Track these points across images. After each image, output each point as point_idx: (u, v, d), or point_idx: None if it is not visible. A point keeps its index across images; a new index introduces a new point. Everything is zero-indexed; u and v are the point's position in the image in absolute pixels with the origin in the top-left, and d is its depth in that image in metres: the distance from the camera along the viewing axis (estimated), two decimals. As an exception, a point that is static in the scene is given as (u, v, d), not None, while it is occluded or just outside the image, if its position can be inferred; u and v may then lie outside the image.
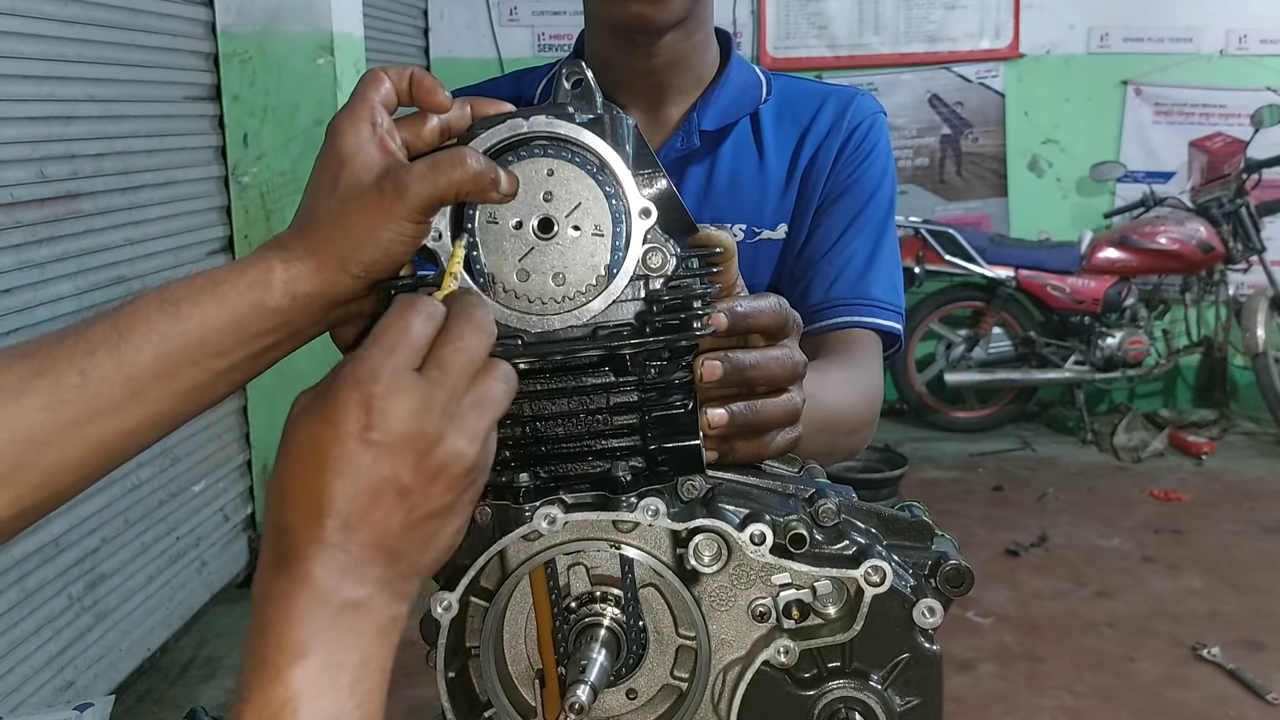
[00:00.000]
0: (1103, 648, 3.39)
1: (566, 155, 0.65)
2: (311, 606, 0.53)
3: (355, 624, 0.54)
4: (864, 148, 1.21)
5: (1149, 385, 5.75)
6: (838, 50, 5.70)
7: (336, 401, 0.55)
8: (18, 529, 0.63)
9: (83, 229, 2.88)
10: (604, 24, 1.17)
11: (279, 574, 0.54)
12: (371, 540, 0.55)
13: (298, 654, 0.52)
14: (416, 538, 0.56)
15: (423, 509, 0.56)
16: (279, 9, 3.49)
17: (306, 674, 0.52)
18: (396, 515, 0.55)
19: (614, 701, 0.69)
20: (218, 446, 3.58)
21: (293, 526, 0.54)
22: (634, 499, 0.66)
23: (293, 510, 0.55)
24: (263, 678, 0.52)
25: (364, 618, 0.54)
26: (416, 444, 0.55)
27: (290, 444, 0.56)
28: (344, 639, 0.53)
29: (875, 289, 1.17)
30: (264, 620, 0.53)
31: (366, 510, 0.54)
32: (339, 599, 0.54)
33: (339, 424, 0.54)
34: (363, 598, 0.54)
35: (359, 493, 0.54)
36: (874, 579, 0.65)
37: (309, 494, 0.54)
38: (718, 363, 0.69)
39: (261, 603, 0.54)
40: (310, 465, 0.55)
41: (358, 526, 0.54)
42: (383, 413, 0.54)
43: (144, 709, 3.06)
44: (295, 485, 0.55)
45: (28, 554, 2.64)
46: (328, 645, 0.53)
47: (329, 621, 0.53)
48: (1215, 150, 5.63)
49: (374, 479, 0.54)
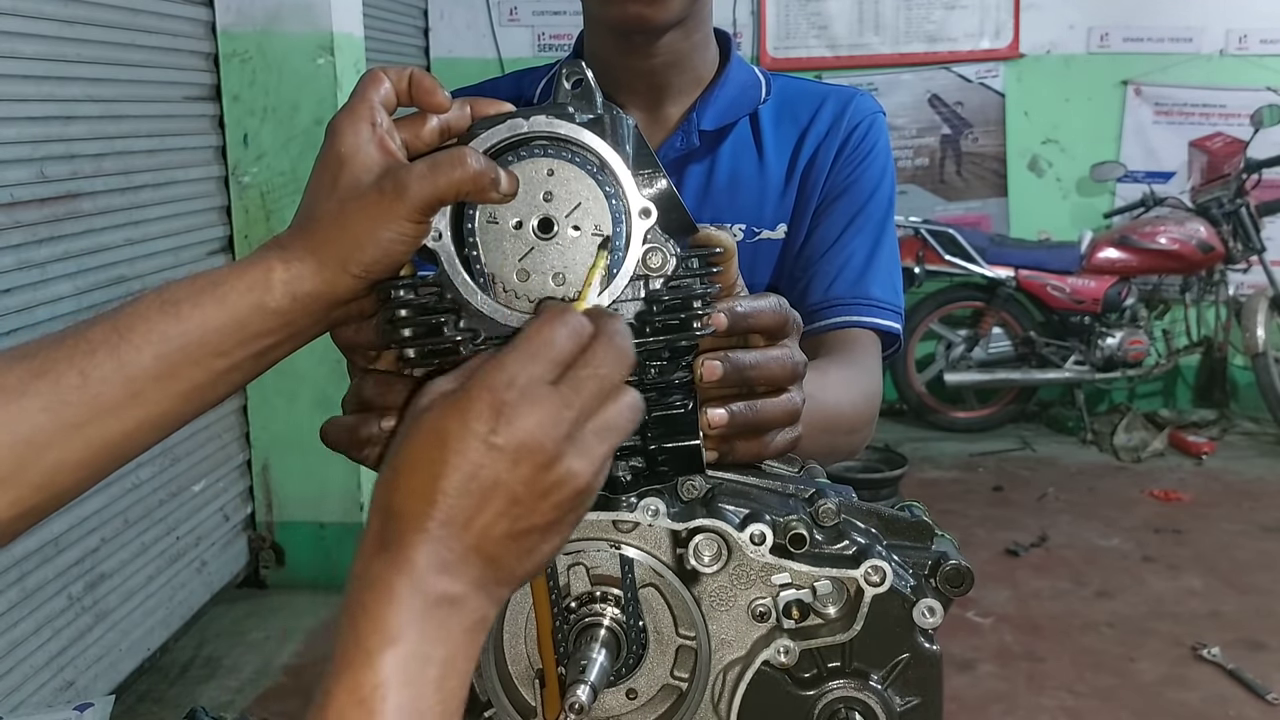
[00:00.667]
0: (1103, 648, 3.39)
1: (567, 155, 0.65)
2: (409, 594, 0.53)
3: (447, 619, 0.54)
4: (863, 148, 1.21)
5: (1149, 385, 5.75)
6: (838, 50, 5.70)
7: (469, 400, 0.55)
8: (19, 530, 0.63)
9: (83, 229, 2.88)
10: (603, 24, 1.17)
11: (379, 556, 0.55)
12: (474, 541, 0.55)
13: (391, 639, 0.52)
14: (516, 548, 0.57)
15: (527, 521, 0.56)
16: (279, 9, 3.49)
17: (397, 661, 0.52)
18: (502, 522, 0.56)
19: (614, 701, 0.69)
20: (218, 446, 3.58)
21: (401, 512, 0.55)
22: (634, 499, 0.66)
23: (405, 496, 0.55)
24: (355, 659, 0.52)
25: (455, 614, 0.55)
26: (535, 457, 0.55)
27: (415, 431, 0.56)
28: (435, 633, 0.54)
29: (874, 289, 1.17)
30: (360, 601, 0.54)
31: (475, 511, 0.55)
32: (436, 591, 0.54)
33: (467, 422, 0.55)
34: (458, 594, 0.55)
35: (471, 492, 0.55)
36: (874, 579, 0.65)
37: (424, 483, 0.55)
38: (718, 363, 0.69)
39: (359, 583, 0.55)
40: (430, 456, 0.55)
41: (463, 524, 0.55)
42: (509, 420, 0.55)
43: (144, 709, 3.06)
44: (412, 472, 0.55)
45: (28, 554, 2.64)
46: (420, 636, 0.53)
47: (423, 612, 0.53)
48: (1215, 150, 5.63)
49: (488, 482, 0.55)
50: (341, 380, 0.77)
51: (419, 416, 0.57)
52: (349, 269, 0.65)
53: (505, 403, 0.55)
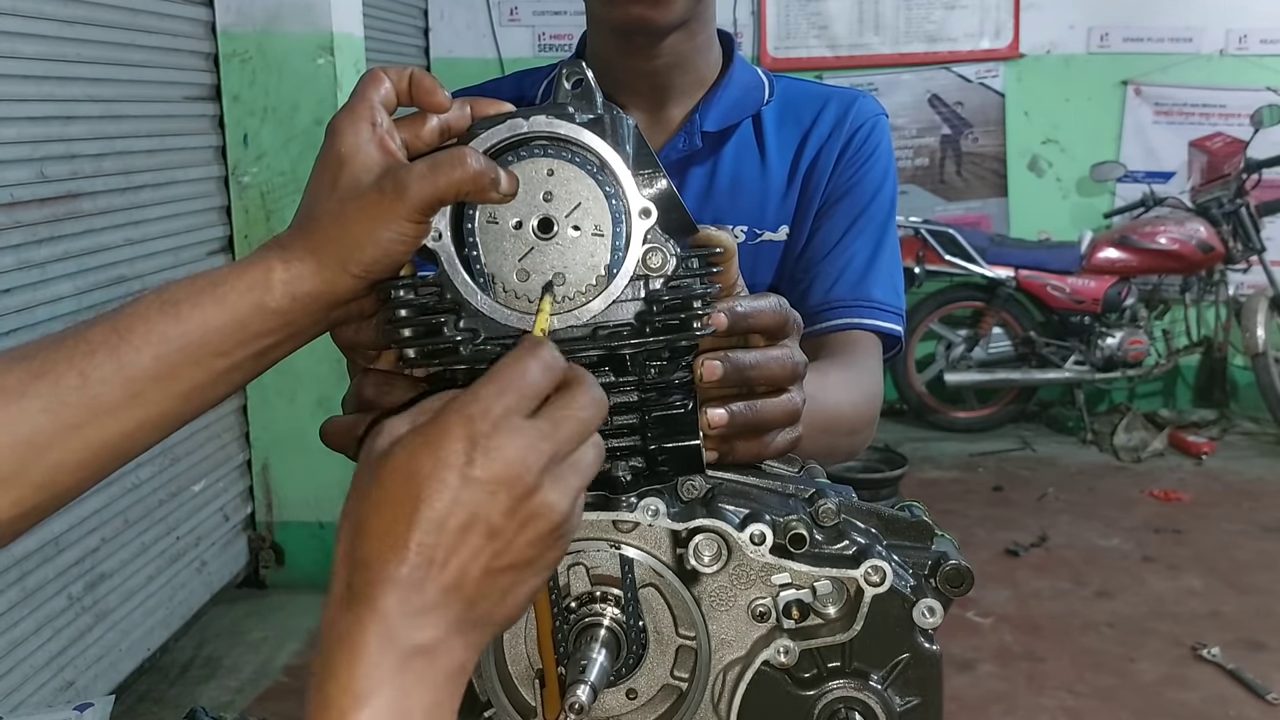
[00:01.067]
0: (1103, 648, 3.39)
1: (567, 155, 0.65)
2: (380, 649, 0.52)
3: (425, 670, 0.53)
4: (865, 150, 1.21)
5: (1149, 385, 5.75)
6: (838, 50, 5.70)
7: (443, 432, 0.54)
8: (20, 530, 0.63)
9: (83, 229, 2.88)
10: (606, 25, 1.17)
11: (348, 610, 0.53)
12: (451, 581, 0.54)
13: (362, 700, 0.51)
14: (495, 587, 0.55)
15: (506, 558, 0.55)
16: (279, 9, 3.49)
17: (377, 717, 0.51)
18: (480, 559, 0.54)
19: (614, 701, 0.69)
20: (218, 446, 3.58)
21: (369, 560, 0.53)
22: (634, 499, 0.66)
23: (372, 542, 0.53)
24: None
25: (434, 663, 0.53)
26: (514, 488, 0.54)
27: (381, 473, 0.54)
28: (412, 685, 0.52)
29: (876, 291, 1.18)
30: (330, 659, 0.52)
31: (452, 548, 0.53)
32: (410, 642, 0.52)
33: (441, 456, 0.53)
34: (434, 641, 0.53)
35: (448, 527, 0.53)
36: (874, 579, 0.65)
37: (393, 524, 0.53)
38: (718, 363, 0.69)
39: (329, 640, 0.53)
40: (399, 494, 0.53)
41: (439, 564, 0.53)
42: (487, 451, 0.54)
43: (144, 709, 3.06)
44: (379, 515, 0.54)
45: (28, 554, 2.64)
46: (395, 691, 0.51)
47: (397, 666, 0.52)
48: (1215, 150, 5.63)
49: (466, 515, 0.53)
50: (341, 380, 0.77)
51: (382, 458, 0.55)
52: (349, 269, 0.65)
53: (481, 433, 0.54)
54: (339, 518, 0.57)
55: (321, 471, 3.70)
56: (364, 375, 0.71)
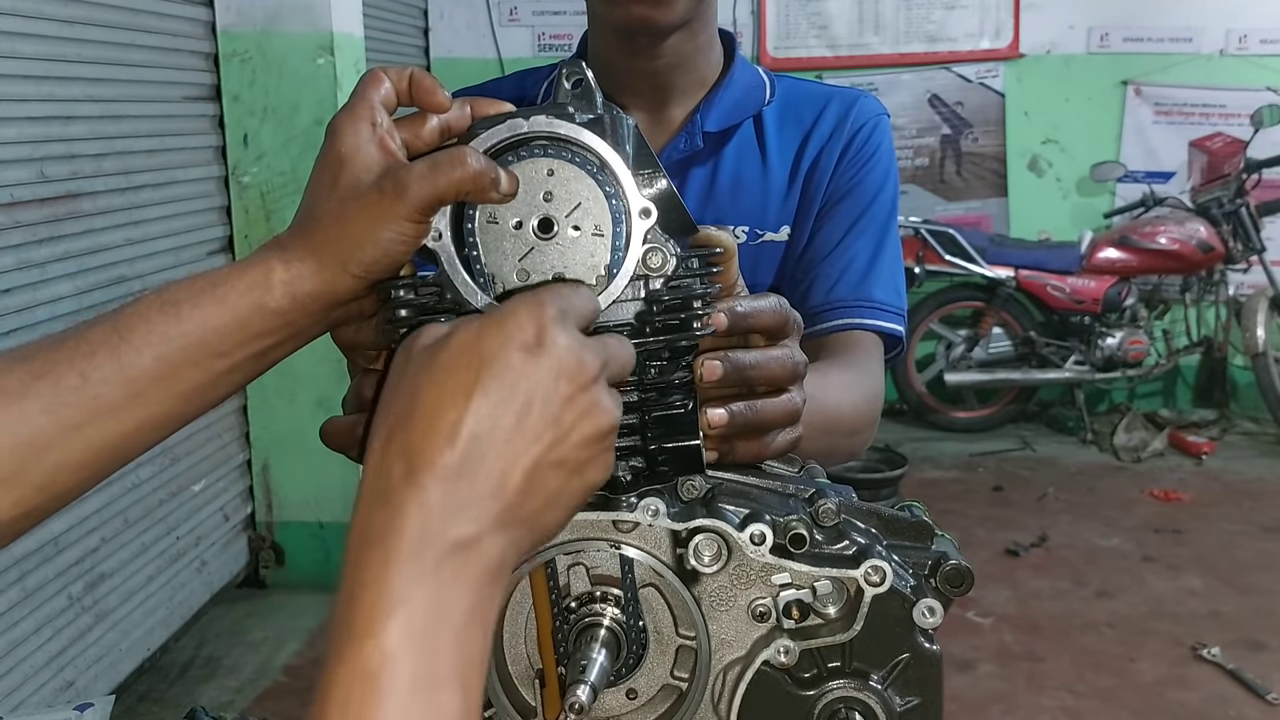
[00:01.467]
0: (1103, 648, 3.39)
1: (567, 155, 0.65)
2: (418, 545, 0.49)
3: (463, 568, 0.50)
4: (866, 150, 1.21)
5: (1149, 385, 5.75)
6: (838, 50, 5.70)
7: (509, 314, 0.54)
8: (20, 530, 0.63)
9: (83, 229, 2.88)
10: (607, 25, 1.17)
11: (384, 504, 0.50)
12: (500, 472, 0.51)
13: (397, 602, 0.48)
14: (544, 485, 0.54)
15: (558, 452, 0.54)
16: (279, 9, 3.49)
17: (406, 627, 0.47)
18: (534, 449, 0.53)
19: (614, 701, 0.69)
20: (218, 446, 3.58)
21: (412, 447, 0.51)
22: (634, 499, 0.66)
23: (419, 427, 0.51)
24: (358, 629, 0.48)
25: (473, 560, 0.50)
26: (575, 378, 0.54)
27: (438, 353, 0.53)
28: (450, 585, 0.49)
29: (877, 291, 1.18)
30: (360, 562, 0.50)
31: (507, 434, 0.52)
32: (448, 537, 0.50)
33: (508, 333, 0.53)
34: (474, 535, 0.51)
35: (506, 410, 0.52)
36: (874, 579, 0.65)
37: (449, 406, 0.51)
38: (718, 363, 0.69)
39: (358, 542, 0.50)
40: (457, 376, 0.52)
41: (491, 451, 0.51)
42: (554, 336, 0.54)
43: (144, 709, 3.06)
44: (427, 399, 0.52)
45: (28, 554, 2.64)
46: (432, 592, 0.48)
47: (434, 564, 0.49)
48: (1215, 150, 5.63)
49: (526, 397, 0.52)
50: (341, 380, 0.77)
51: (441, 341, 0.54)
52: (349, 269, 0.64)
53: (550, 318, 0.54)
54: (371, 426, 0.54)
55: (321, 471, 3.70)
56: (364, 375, 0.71)
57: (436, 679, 0.48)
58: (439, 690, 0.48)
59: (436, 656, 0.48)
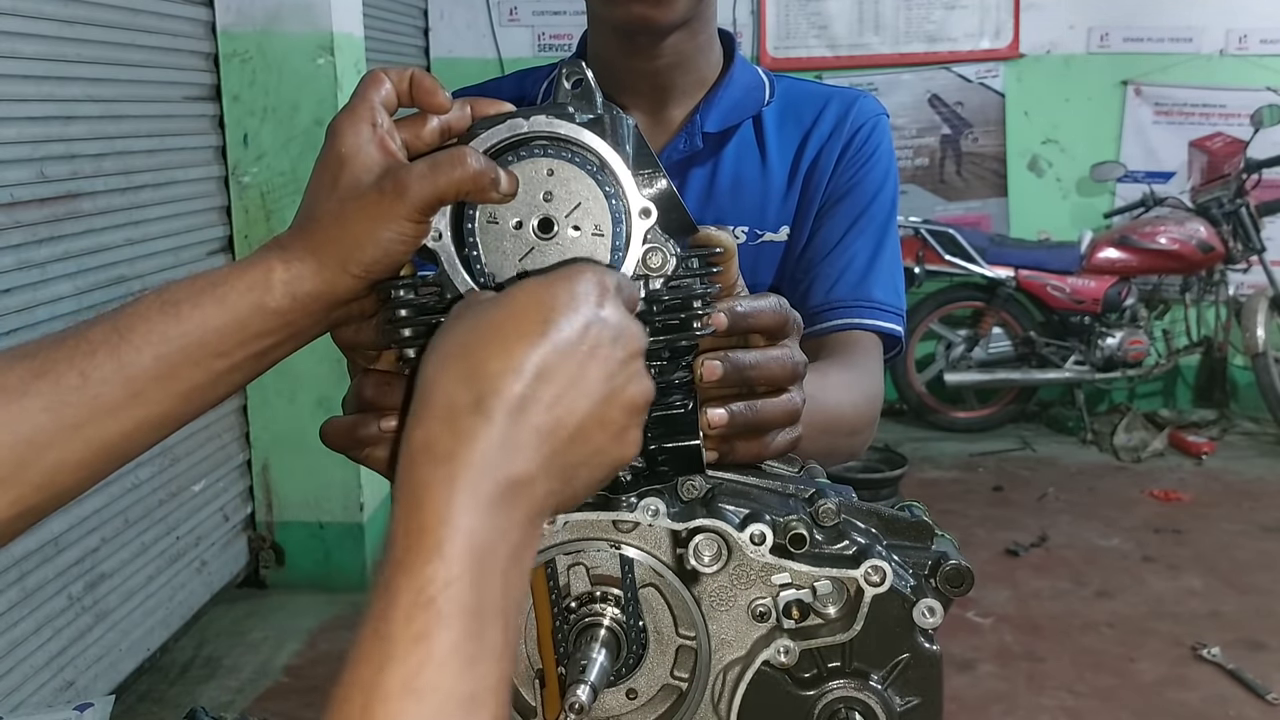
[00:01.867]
0: (1103, 648, 3.39)
1: (566, 155, 0.65)
2: (479, 473, 0.50)
3: (514, 505, 0.51)
4: (866, 150, 1.21)
5: (1149, 385, 5.75)
6: (838, 50, 5.70)
7: (577, 272, 0.57)
8: (19, 529, 0.63)
9: (83, 229, 2.88)
10: (607, 25, 1.17)
11: (450, 426, 0.51)
12: (556, 416, 0.53)
13: (460, 531, 0.49)
14: (587, 441, 0.55)
15: (606, 411, 0.56)
16: (279, 9, 3.49)
17: (470, 553, 0.48)
18: (588, 401, 0.54)
19: (614, 701, 0.69)
20: (218, 446, 3.58)
21: (480, 374, 0.52)
22: (634, 499, 0.66)
23: (490, 357, 0.52)
24: (422, 549, 0.48)
25: (523, 498, 0.52)
26: (630, 343, 0.57)
27: (510, 294, 0.55)
28: (502, 520, 0.50)
29: (876, 291, 1.17)
30: (424, 479, 0.50)
31: (571, 379, 0.53)
32: (505, 471, 0.51)
33: (576, 289, 0.55)
34: (527, 475, 0.52)
35: (572, 354, 0.54)
36: (874, 579, 0.65)
37: (520, 341, 0.53)
38: (718, 363, 0.69)
39: (422, 458, 0.51)
40: (528, 314, 0.54)
41: (552, 392, 0.53)
42: (616, 301, 0.57)
43: (144, 709, 3.06)
44: (503, 333, 0.53)
45: (28, 554, 2.64)
46: (488, 523, 0.50)
47: (491, 496, 0.50)
48: (1215, 150, 5.63)
49: (589, 347, 0.54)
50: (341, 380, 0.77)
51: (507, 293, 0.56)
52: (349, 269, 0.65)
53: (611, 285, 0.57)
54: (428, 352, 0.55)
55: (321, 471, 3.70)
56: (364, 376, 0.71)
57: (488, 612, 0.49)
58: (489, 624, 0.49)
59: (490, 589, 0.49)
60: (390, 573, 0.48)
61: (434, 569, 0.48)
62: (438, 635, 0.47)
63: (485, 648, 0.48)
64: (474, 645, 0.48)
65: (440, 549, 0.48)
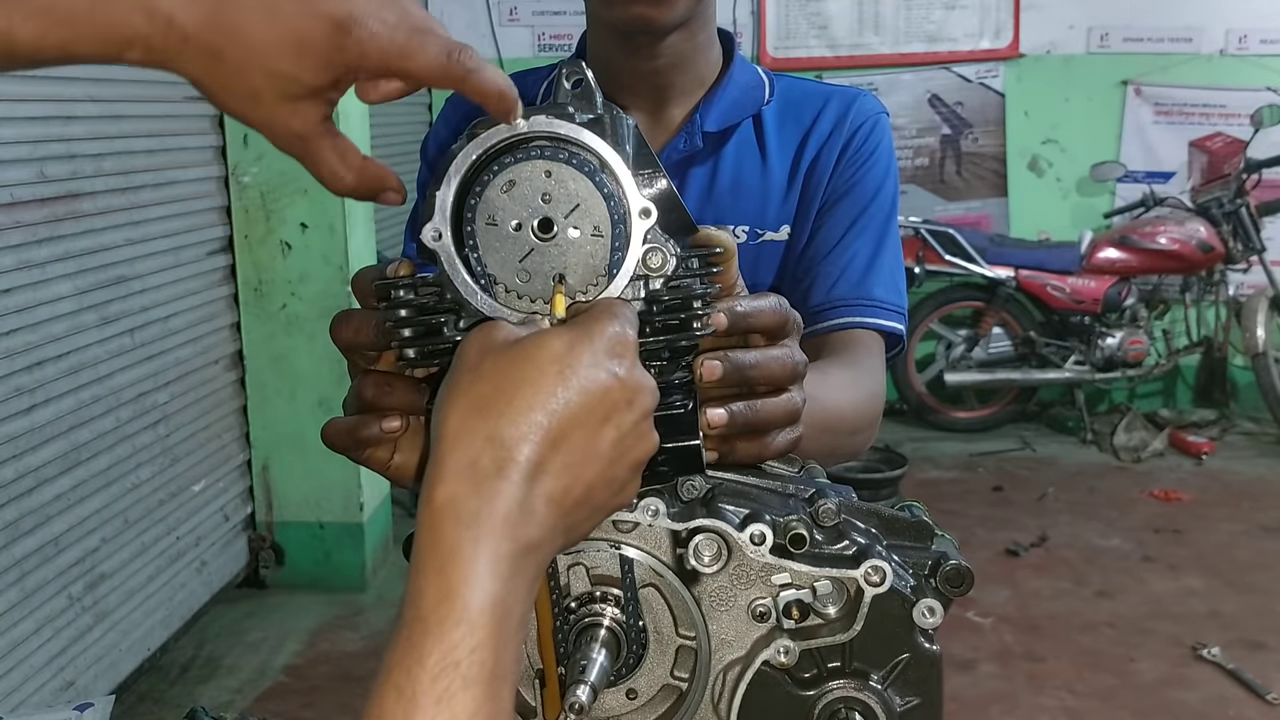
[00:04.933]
0: (1103, 648, 3.39)
1: (563, 157, 0.64)
2: (500, 539, 0.50)
3: (527, 570, 0.52)
4: (866, 148, 1.21)
5: (1149, 385, 5.75)
6: (838, 50, 5.70)
7: (598, 329, 0.56)
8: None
9: (83, 229, 2.88)
10: (606, 25, 1.17)
11: (475, 489, 0.51)
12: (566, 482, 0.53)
13: (487, 597, 0.49)
14: (590, 501, 0.56)
15: (612, 471, 0.56)
16: (279, 9, 3.48)
17: (493, 621, 0.49)
18: (597, 465, 0.55)
19: (614, 701, 0.69)
20: (218, 446, 3.58)
21: (506, 439, 0.52)
22: (634, 499, 0.66)
23: (513, 418, 0.52)
24: (452, 615, 0.49)
25: (533, 563, 0.53)
26: (641, 403, 0.57)
27: (527, 353, 0.54)
28: (518, 585, 0.51)
29: (877, 289, 1.17)
30: (452, 542, 0.50)
31: (583, 444, 0.54)
32: (522, 537, 0.51)
33: (597, 350, 0.55)
34: (539, 540, 0.53)
35: (586, 421, 0.54)
36: (874, 579, 0.65)
37: (539, 407, 0.53)
38: (718, 362, 0.69)
39: (448, 518, 0.51)
40: (549, 378, 0.53)
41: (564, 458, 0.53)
42: (633, 363, 0.57)
43: (144, 709, 3.06)
44: (523, 393, 0.53)
45: (28, 554, 2.64)
46: (509, 590, 0.50)
47: (511, 562, 0.51)
48: (1215, 150, 5.63)
49: (604, 413, 0.54)
50: (341, 380, 0.77)
51: (530, 343, 0.55)
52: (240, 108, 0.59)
53: (631, 342, 0.57)
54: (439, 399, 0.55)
55: (321, 471, 3.70)
56: (364, 376, 0.71)
57: (505, 674, 0.50)
58: (504, 685, 0.50)
59: (507, 652, 0.50)
60: (415, 631, 0.49)
61: (461, 634, 0.49)
62: (461, 698, 0.48)
63: (500, 709, 0.50)
64: (492, 706, 0.49)
65: (468, 613, 0.49)
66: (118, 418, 2.97)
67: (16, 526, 2.61)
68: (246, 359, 3.70)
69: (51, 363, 2.74)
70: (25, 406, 2.64)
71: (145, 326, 3.14)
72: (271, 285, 3.64)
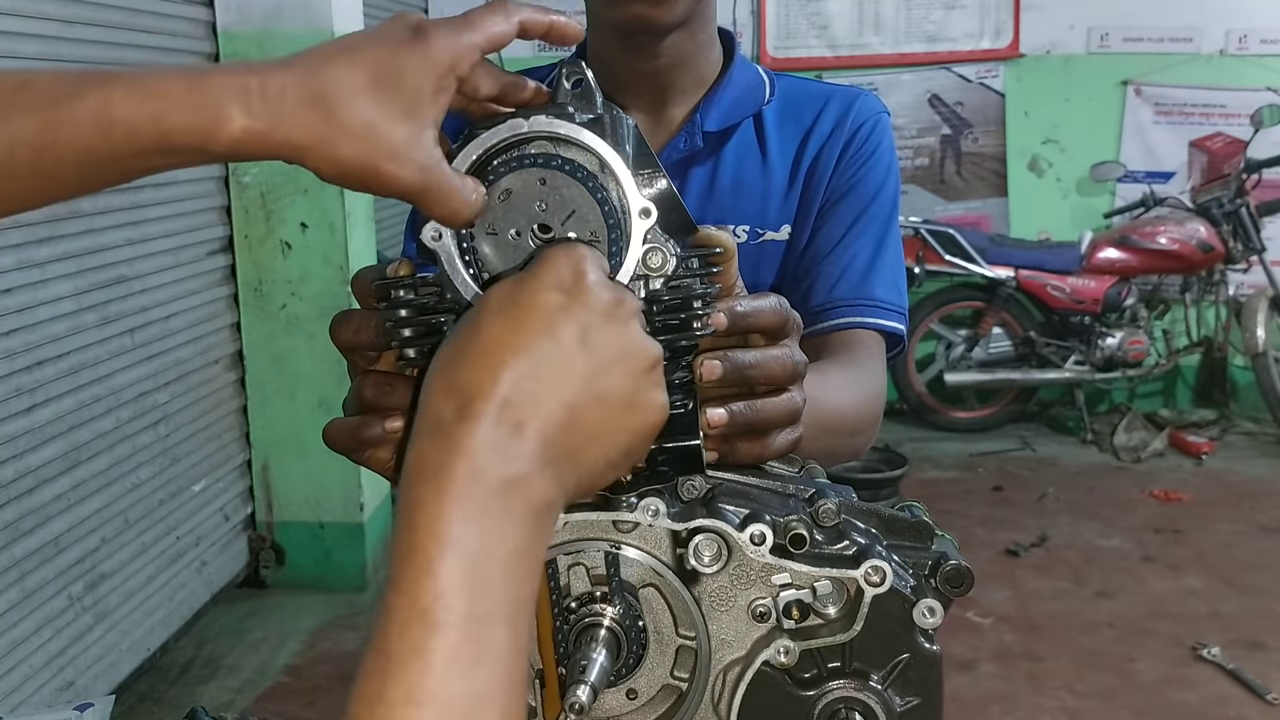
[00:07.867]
0: (1103, 648, 3.39)
1: (556, 164, 0.64)
2: (469, 482, 0.50)
3: (511, 507, 0.51)
4: (867, 148, 1.21)
5: (1149, 385, 5.75)
6: (838, 50, 5.70)
7: (546, 260, 0.57)
8: None
9: (83, 229, 2.88)
10: (607, 25, 1.17)
11: (436, 442, 0.52)
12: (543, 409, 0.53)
13: (450, 543, 0.49)
14: (583, 422, 0.55)
15: (596, 387, 0.55)
16: (279, 9, 3.49)
17: (459, 565, 0.49)
18: (572, 384, 0.54)
19: (614, 701, 0.69)
20: (218, 446, 3.58)
21: (464, 386, 0.52)
22: (634, 499, 0.66)
23: (470, 366, 0.53)
24: (414, 568, 0.49)
25: (520, 499, 0.52)
26: (613, 312, 0.56)
27: (482, 306, 0.56)
28: (500, 523, 0.51)
29: (878, 289, 1.17)
30: (416, 498, 0.51)
31: (549, 370, 0.53)
32: (497, 475, 0.51)
33: (542, 279, 0.56)
34: (521, 474, 0.52)
35: (546, 347, 0.54)
36: (874, 579, 0.65)
37: (494, 348, 0.53)
38: (718, 362, 0.69)
39: (415, 476, 0.51)
40: (501, 319, 0.54)
41: (533, 388, 0.53)
42: (589, 276, 0.56)
43: (144, 709, 3.06)
44: (480, 341, 0.54)
45: (28, 554, 2.64)
46: (483, 530, 0.50)
47: (485, 502, 0.50)
48: (1215, 150, 5.63)
49: (563, 334, 0.54)
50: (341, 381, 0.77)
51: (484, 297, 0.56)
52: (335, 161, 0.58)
53: (585, 260, 0.57)
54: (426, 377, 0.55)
55: (321, 472, 3.70)
56: (364, 376, 0.70)
57: (487, 616, 0.49)
58: (489, 626, 0.49)
59: (487, 593, 0.50)
60: (388, 593, 0.50)
61: (425, 584, 0.49)
62: (433, 645, 0.48)
63: (487, 649, 0.49)
64: (473, 648, 0.48)
65: (430, 565, 0.49)
66: (118, 418, 2.97)
67: (16, 526, 2.61)
68: (246, 359, 3.70)
69: (51, 363, 2.74)
70: (25, 406, 2.64)
71: (145, 326, 3.14)
72: (271, 285, 3.64)
